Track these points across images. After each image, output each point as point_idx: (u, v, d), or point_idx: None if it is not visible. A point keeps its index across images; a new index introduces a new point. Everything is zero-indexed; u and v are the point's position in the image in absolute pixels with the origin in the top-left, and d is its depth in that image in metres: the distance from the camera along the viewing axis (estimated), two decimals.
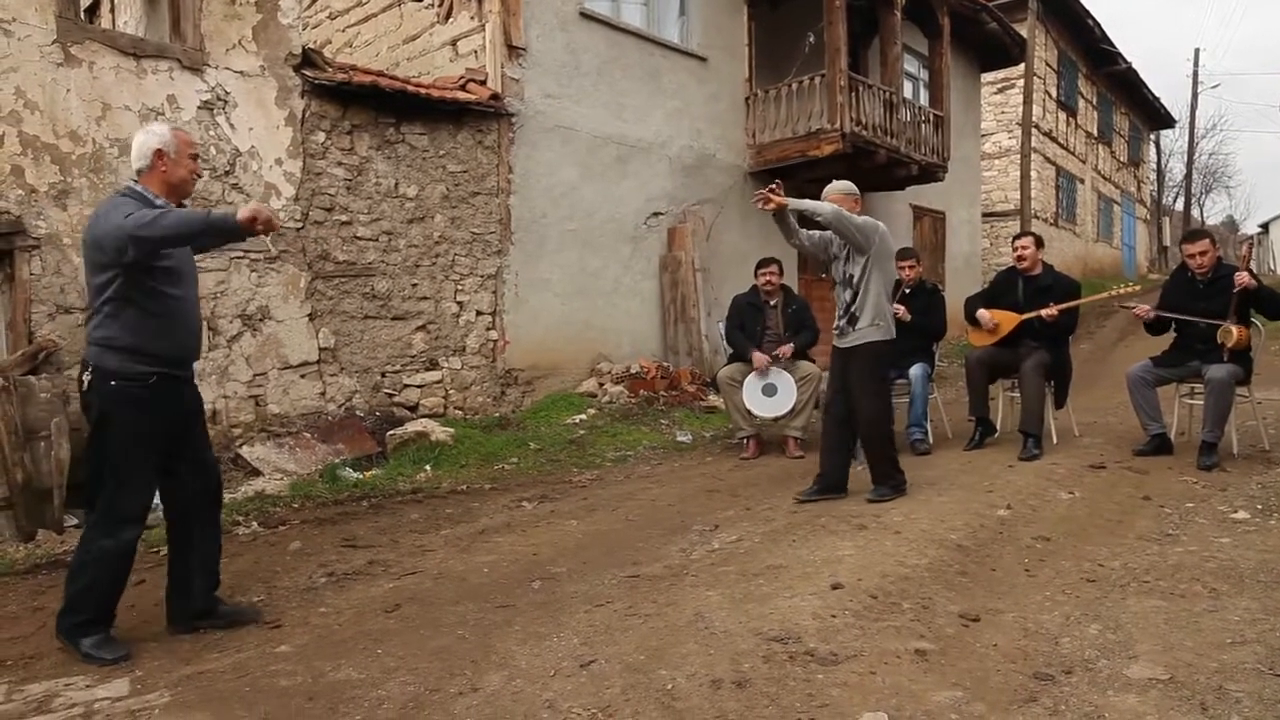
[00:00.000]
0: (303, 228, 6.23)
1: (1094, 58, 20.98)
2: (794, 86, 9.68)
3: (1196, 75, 28.95)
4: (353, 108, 6.54)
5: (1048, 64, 18.73)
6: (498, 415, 7.25)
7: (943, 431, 6.44)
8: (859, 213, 4.56)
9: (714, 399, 7.79)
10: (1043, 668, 2.47)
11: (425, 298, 6.99)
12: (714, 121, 9.63)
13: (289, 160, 6.19)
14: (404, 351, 6.87)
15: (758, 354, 6.03)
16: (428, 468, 5.84)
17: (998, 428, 6.08)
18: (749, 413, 6.14)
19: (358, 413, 6.46)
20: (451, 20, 8.08)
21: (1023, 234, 5.97)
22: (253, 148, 5.99)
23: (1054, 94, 19.38)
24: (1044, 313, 5.55)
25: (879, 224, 4.61)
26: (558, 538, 4.24)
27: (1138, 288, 6.87)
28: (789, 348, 6.10)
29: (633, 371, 8.16)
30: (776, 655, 2.56)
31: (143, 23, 6.85)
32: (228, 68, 5.90)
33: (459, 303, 7.23)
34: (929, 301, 6.24)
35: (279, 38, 6.15)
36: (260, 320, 6.02)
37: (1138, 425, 5.53)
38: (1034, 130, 16.45)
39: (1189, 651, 2.54)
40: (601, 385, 7.96)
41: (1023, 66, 15.31)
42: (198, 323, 3.09)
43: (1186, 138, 29.99)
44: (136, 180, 2.94)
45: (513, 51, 7.60)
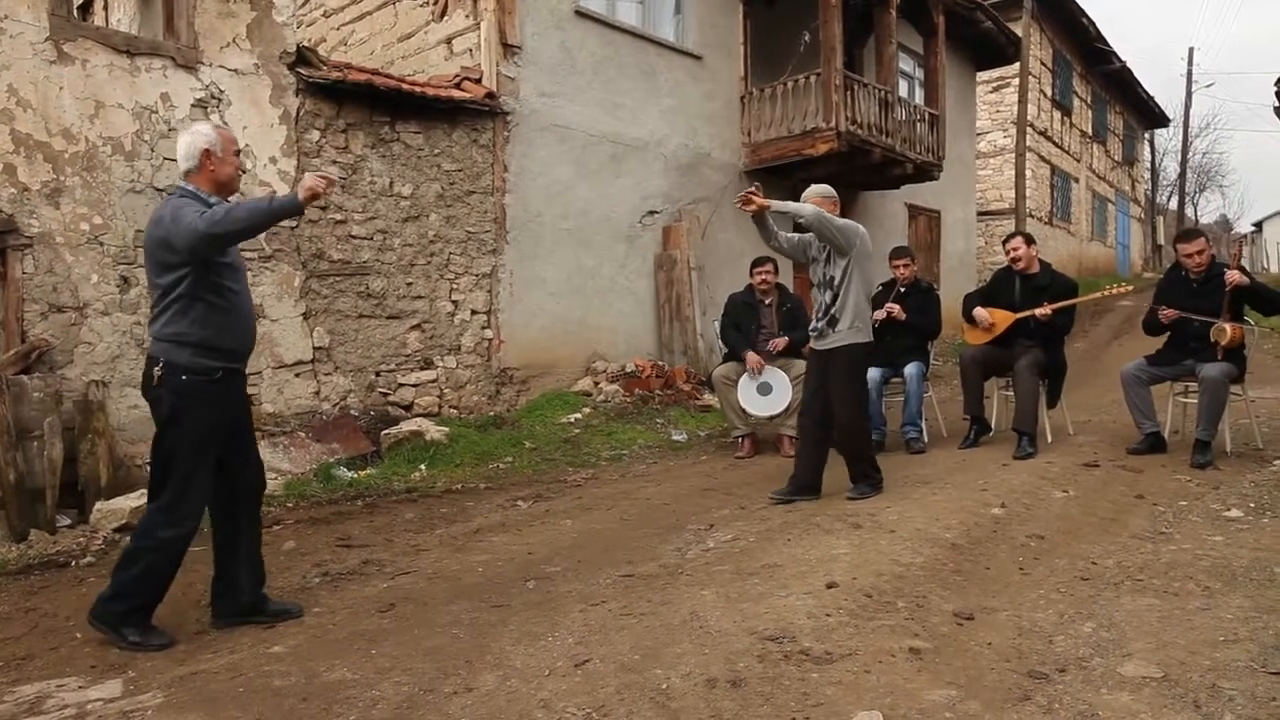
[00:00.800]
0: (297, 226, 6.21)
1: (1089, 56, 21.02)
2: (789, 85, 9.68)
3: (1191, 74, 29.05)
4: (347, 106, 6.53)
5: (1042, 63, 18.75)
6: (492, 414, 7.24)
7: (938, 430, 6.45)
8: (837, 215, 4.58)
9: (709, 398, 7.79)
10: (1037, 666, 2.47)
11: (420, 297, 6.98)
12: (709, 120, 9.63)
13: (283, 159, 6.18)
14: (399, 351, 6.85)
15: (751, 355, 6.03)
16: (422, 467, 5.83)
17: (992, 426, 6.09)
18: (744, 411, 6.14)
19: (352, 412, 6.45)
20: (446, 19, 8.06)
21: (1013, 235, 5.98)
22: (247, 146, 5.96)
23: (1049, 93, 19.41)
24: (1038, 312, 5.56)
25: (859, 226, 4.64)
26: (552, 537, 4.24)
27: (1130, 288, 6.88)
28: (782, 340, 6.10)
29: (628, 370, 8.16)
30: (771, 654, 2.56)
31: (136, 20, 6.82)
32: (222, 66, 5.88)
33: (454, 302, 7.22)
34: (924, 300, 6.24)
35: (273, 35, 6.13)
36: (258, 319, 6.00)
37: (1132, 424, 5.54)
38: (1029, 129, 16.46)
39: (1182, 649, 2.55)
40: (596, 384, 7.96)
41: (1018, 65, 15.33)
42: (254, 317, 3.20)
43: (1180, 136, 30.12)
44: (185, 180, 3.01)
45: (507, 50, 7.59)
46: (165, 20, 5.84)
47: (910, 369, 5.99)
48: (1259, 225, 38.91)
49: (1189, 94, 29.03)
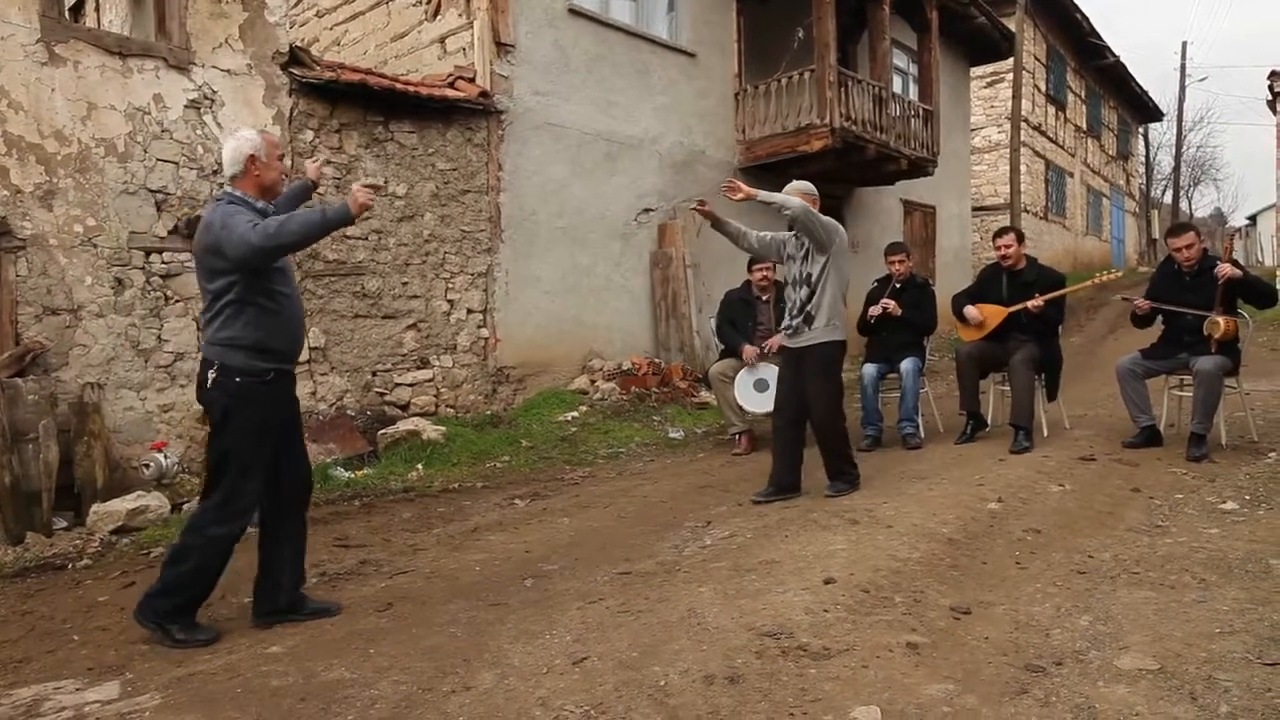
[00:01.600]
0: None
1: (1082, 51, 21.05)
2: (783, 82, 9.67)
3: (1184, 68, 29.04)
4: (341, 106, 6.51)
5: (1036, 58, 18.78)
6: (489, 413, 7.24)
7: (934, 426, 6.46)
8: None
9: (706, 395, 7.79)
10: (1034, 659, 2.48)
11: (415, 296, 6.97)
12: (703, 117, 9.62)
13: None
14: (395, 350, 6.85)
15: (748, 347, 6.05)
16: (419, 466, 5.82)
17: (989, 421, 6.10)
18: (741, 408, 6.15)
19: (349, 412, 6.44)
20: (439, 18, 8.05)
21: (1004, 231, 5.97)
22: None
23: (1043, 88, 19.44)
24: (1030, 304, 5.57)
25: (839, 224, 4.65)
26: (550, 535, 4.24)
27: (1119, 273, 6.93)
28: (777, 339, 6.10)
29: (624, 368, 8.16)
30: (769, 650, 2.56)
31: (128, 21, 6.80)
32: (214, 66, 5.86)
33: (449, 301, 7.21)
34: (919, 296, 6.25)
35: (266, 36, 6.11)
36: None
37: (1127, 417, 5.55)
38: (1023, 124, 16.49)
39: (1178, 642, 2.56)
40: (593, 382, 7.96)
41: (1011, 60, 15.34)
42: (303, 318, 3.25)
43: (1175, 131, 30.14)
44: (231, 185, 3.05)
45: (501, 48, 7.58)
46: (157, 21, 5.82)
47: (906, 365, 5.99)
48: (1253, 219, 38.97)
49: (1182, 88, 29.06)
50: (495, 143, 7.52)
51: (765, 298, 6.36)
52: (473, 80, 7.39)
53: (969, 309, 5.89)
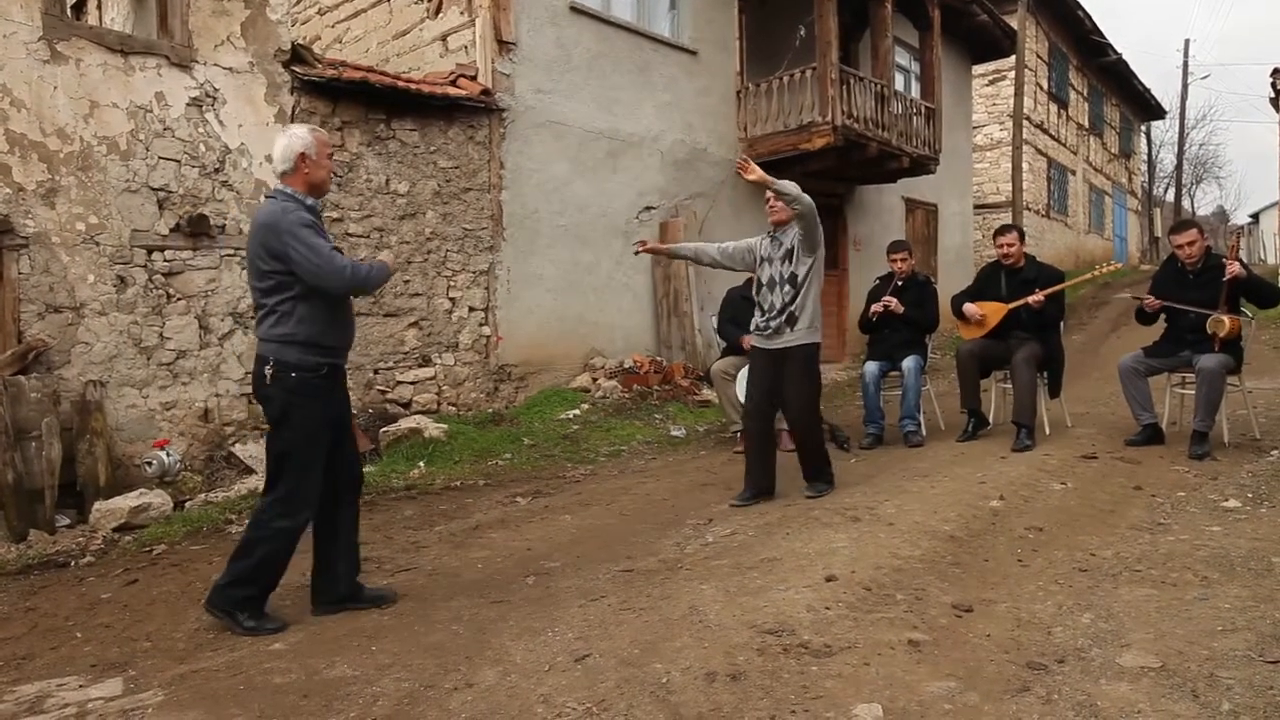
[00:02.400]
0: None
1: (1084, 49, 21.01)
2: (785, 80, 9.66)
3: (1186, 66, 28.98)
4: (342, 104, 6.51)
5: (1038, 56, 18.75)
6: (491, 411, 7.24)
7: (936, 423, 6.45)
8: None
9: (707, 393, 7.79)
10: (1036, 657, 2.48)
11: (417, 294, 6.98)
12: (705, 115, 9.62)
13: None
14: (396, 348, 6.85)
15: (748, 337, 6.03)
16: (421, 464, 5.83)
17: (991, 419, 6.09)
18: (742, 406, 6.13)
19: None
20: (441, 15, 8.05)
21: (1006, 229, 5.96)
22: (242, 145, 5.96)
23: (1045, 86, 19.41)
24: (1030, 300, 5.57)
25: None
26: (551, 533, 4.24)
27: (1119, 265, 6.96)
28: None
29: (626, 366, 8.16)
30: (770, 648, 2.56)
31: (130, 19, 6.80)
32: (216, 64, 5.86)
33: (451, 299, 7.21)
34: (921, 294, 6.24)
35: (267, 34, 6.11)
36: (252, 318, 5.99)
37: (1129, 415, 5.55)
38: (1025, 122, 16.47)
39: (1180, 639, 2.55)
40: (595, 380, 7.96)
41: (1013, 58, 15.32)
42: (353, 312, 3.30)
43: (1177, 128, 30.11)
44: (282, 182, 3.10)
45: (503, 46, 7.57)
46: (159, 19, 5.83)
47: (908, 363, 5.98)
48: (1255, 216, 38.85)
49: (1185, 86, 29.02)
50: (497, 140, 7.52)
51: None
52: (474, 78, 7.39)
53: (968, 306, 5.88)
